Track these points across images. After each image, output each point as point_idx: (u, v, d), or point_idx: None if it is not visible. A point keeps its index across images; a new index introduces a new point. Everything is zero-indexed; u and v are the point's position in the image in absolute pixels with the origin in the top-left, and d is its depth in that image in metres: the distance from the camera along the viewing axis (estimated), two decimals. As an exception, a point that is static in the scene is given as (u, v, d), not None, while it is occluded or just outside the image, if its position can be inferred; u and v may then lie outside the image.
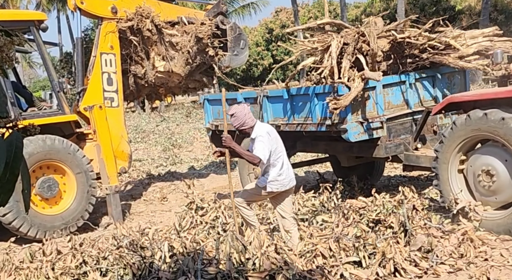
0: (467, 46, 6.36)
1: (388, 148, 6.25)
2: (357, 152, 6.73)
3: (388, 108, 6.37)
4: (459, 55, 6.32)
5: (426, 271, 4.50)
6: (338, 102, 5.73)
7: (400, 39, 6.23)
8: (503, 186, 5.10)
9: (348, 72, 5.92)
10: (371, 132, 6.14)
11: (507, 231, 5.05)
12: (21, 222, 6.93)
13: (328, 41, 6.26)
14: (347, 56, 6.03)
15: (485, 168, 5.21)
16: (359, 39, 6.08)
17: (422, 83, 6.59)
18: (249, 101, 7.44)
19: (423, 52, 6.40)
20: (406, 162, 6.32)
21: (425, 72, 6.55)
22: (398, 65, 6.45)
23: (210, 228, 6.02)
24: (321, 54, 6.32)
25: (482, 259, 4.64)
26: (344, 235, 4.93)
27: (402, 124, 6.40)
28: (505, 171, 5.06)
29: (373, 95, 6.21)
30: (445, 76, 6.69)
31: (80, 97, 8.10)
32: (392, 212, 5.22)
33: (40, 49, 7.78)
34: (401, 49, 6.39)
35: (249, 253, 4.50)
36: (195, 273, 4.23)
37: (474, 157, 5.37)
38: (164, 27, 8.52)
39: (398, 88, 6.42)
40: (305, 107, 6.60)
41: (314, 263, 4.54)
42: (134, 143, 16.75)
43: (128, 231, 5.83)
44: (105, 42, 8.09)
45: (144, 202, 9.14)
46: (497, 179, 5.11)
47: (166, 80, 8.90)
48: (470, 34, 6.64)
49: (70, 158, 7.43)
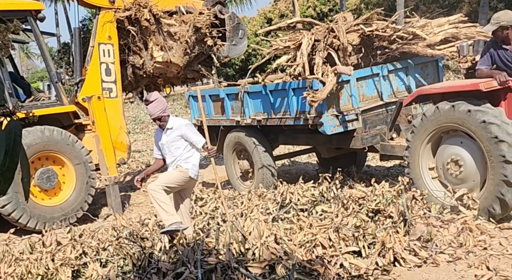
0: (435, 34, 6.49)
1: (364, 139, 6.43)
2: (336, 143, 6.92)
3: (363, 100, 6.52)
4: (427, 43, 6.42)
5: (426, 260, 4.51)
6: (315, 96, 5.87)
7: (368, 32, 6.37)
8: (470, 175, 5.32)
9: (322, 67, 6.07)
10: (346, 124, 6.33)
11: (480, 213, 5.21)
12: (21, 213, 6.93)
13: (299, 39, 6.38)
14: (319, 52, 6.18)
15: (453, 158, 5.41)
16: (329, 35, 6.22)
17: (396, 75, 6.71)
18: (231, 97, 7.60)
19: (392, 43, 6.53)
20: (382, 152, 6.48)
21: (398, 64, 6.67)
22: (369, 57, 6.58)
23: (209, 219, 6.03)
24: (293, 52, 6.46)
25: (481, 248, 4.65)
26: (344, 225, 4.93)
27: (377, 116, 6.56)
28: (472, 160, 5.28)
29: (347, 88, 6.38)
30: (418, 67, 6.81)
31: (79, 88, 8.06)
32: (391, 202, 5.23)
33: (38, 39, 7.73)
34: (370, 41, 6.53)
35: (248, 243, 4.51)
36: (195, 263, 4.24)
37: (443, 147, 5.55)
38: (162, 16, 8.47)
39: (372, 80, 6.56)
40: (283, 102, 6.78)
41: (314, 253, 4.55)
42: (133, 134, 16.73)
43: (128, 222, 5.84)
44: (103, 32, 8.04)
45: (144, 193, 9.13)
46: (464, 168, 5.34)
47: (164, 71, 8.86)
48: (436, 23, 6.76)
49: (69, 149, 7.42)
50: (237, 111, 7.58)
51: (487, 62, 5.45)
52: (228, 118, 7.78)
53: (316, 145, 7.72)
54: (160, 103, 5.19)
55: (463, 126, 5.20)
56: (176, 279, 4.19)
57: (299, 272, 4.09)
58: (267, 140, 7.65)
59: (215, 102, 8.07)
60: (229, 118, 7.75)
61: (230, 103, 7.70)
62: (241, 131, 7.72)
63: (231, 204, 6.38)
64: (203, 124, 5.61)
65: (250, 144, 7.56)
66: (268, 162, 7.46)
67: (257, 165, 7.50)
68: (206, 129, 5.51)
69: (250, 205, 6.12)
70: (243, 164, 7.98)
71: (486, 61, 5.46)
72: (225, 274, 4.13)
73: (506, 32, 5.32)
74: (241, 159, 8.03)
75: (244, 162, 7.94)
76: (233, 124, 7.74)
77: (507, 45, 5.38)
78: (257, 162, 7.49)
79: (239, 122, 7.57)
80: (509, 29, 5.30)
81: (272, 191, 6.53)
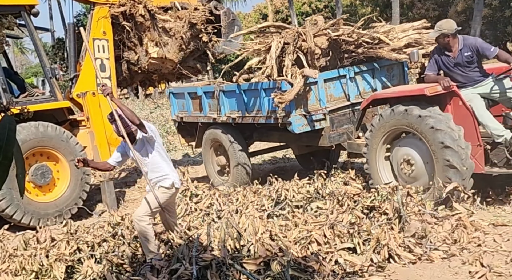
0: (399, 39, 6.82)
1: (331, 138, 6.72)
2: (305, 141, 7.24)
3: (330, 100, 6.77)
4: (391, 48, 6.72)
5: (420, 257, 4.53)
6: (282, 97, 6.12)
7: (335, 36, 6.65)
8: (420, 174, 5.70)
9: (291, 69, 6.32)
10: (314, 124, 6.60)
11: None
12: (15, 210, 6.90)
13: (269, 42, 6.63)
14: (288, 54, 6.43)
15: (405, 158, 5.79)
16: (299, 38, 6.45)
17: (362, 76, 6.97)
18: (208, 95, 7.84)
19: (358, 47, 6.81)
20: (349, 150, 6.79)
21: (364, 66, 6.94)
22: (336, 60, 6.86)
23: (204, 215, 6.02)
24: (264, 54, 6.68)
25: (475, 244, 4.67)
26: (339, 222, 4.94)
27: (344, 115, 6.83)
28: (421, 161, 5.67)
29: (315, 89, 6.62)
30: (384, 69, 7.07)
31: (73, 84, 8.03)
32: (386, 199, 5.24)
33: (32, 35, 7.69)
34: (338, 45, 6.81)
35: (244, 240, 4.51)
36: (190, 260, 4.24)
37: (397, 147, 5.95)
38: (157, 12, 8.43)
39: (339, 82, 6.83)
40: (256, 102, 7.03)
41: (309, 249, 4.56)
42: (127, 130, 16.65)
43: (123, 218, 5.82)
44: (97, 28, 8.00)
45: (138, 189, 9.12)
46: (415, 167, 5.71)
47: (159, 67, 8.83)
48: (401, 28, 7.14)
49: (63, 145, 7.39)
50: (214, 109, 7.81)
51: (433, 68, 5.83)
52: (205, 115, 8.01)
53: (287, 142, 8.04)
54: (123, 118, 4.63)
55: (414, 129, 5.60)
56: (171, 275, 4.18)
57: (294, 268, 4.09)
58: (243, 137, 7.90)
59: (194, 99, 8.28)
60: (207, 115, 7.98)
61: (207, 101, 7.93)
62: (218, 128, 7.95)
63: (226, 200, 6.37)
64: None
65: (226, 141, 7.81)
66: (243, 158, 7.71)
67: (233, 161, 7.74)
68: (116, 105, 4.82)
69: (245, 201, 6.12)
70: (220, 160, 8.20)
71: (432, 66, 5.84)
72: (220, 271, 4.13)
73: (447, 39, 5.65)
74: (219, 155, 8.25)
75: (221, 158, 8.17)
76: (210, 121, 7.95)
77: (449, 52, 5.73)
78: (233, 158, 7.74)
79: (215, 119, 7.79)
80: (450, 37, 5.63)
81: (267, 188, 6.53)
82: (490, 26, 23.86)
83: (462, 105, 5.51)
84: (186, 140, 9.08)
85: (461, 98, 5.54)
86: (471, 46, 5.63)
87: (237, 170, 7.69)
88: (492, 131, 5.42)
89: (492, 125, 5.42)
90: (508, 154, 5.34)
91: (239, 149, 7.69)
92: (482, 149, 5.44)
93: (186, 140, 9.10)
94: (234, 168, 7.72)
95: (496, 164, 5.50)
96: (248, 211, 5.67)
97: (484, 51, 5.59)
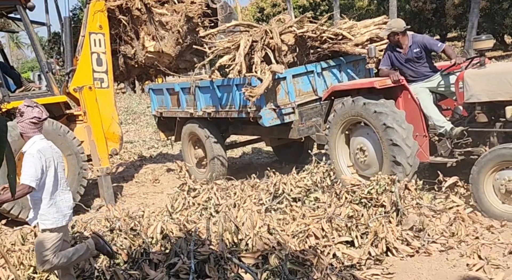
0: (361, 35, 7.18)
1: (301, 130, 7.03)
2: (277, 134, 7.53)
3: (299, 95, 7.05)
4: (354, 43, 7.07)
5: (418, 250, 4.54)
6: (252, 92, 6.40)
7: (300, 33, 6.96)
8: (372, 160, 6.11)
9: (260, 65, 6.65)
10: (283, 117, 6.86)
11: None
12: (12, 204, 6.88)
13: (238, 40, 6.91)
14: (257, 52, 6.76)
15: (359, 146, 6.21)
16: (266, 36, 6.77)
17: (329, 71, 7.26)
18: (185, 91, 8.15)
19: (323, 43, 7.14)
20: (318, 141, 7.13)
21: (331, 62, 7.23)
22: (303, 56, 7.16)
23: (202, 210, 6.02)
24: (233, 52, 6.94)
25: (473, 237, 4.69)
26: (337, 215, 4.94)
27: (312, 109, 7.11)
28: (372, 148, 6.07)
29: (284, 84, 6.90)
30: (350, 64, 7.37)
31: (69, 78, 7.98)
32: (384, 190, 5.24)
33: (28, 29, 7.64)
34: (304, 42, 7.11)
35: (241, 234, 4.51)
36: (188, 254, 4.24)
37: (353, 138, 6.35)
38: (153, 6, 8.38)
39: (307, 77, 7.10)
40: (229, 97, 7.34)
41: (307, 243, 4.56)
42: (125, 124, 16.64)
43: (120, 213, 5.81)
44: (93, 22, 7.94)
45: (136, 184, 9.11)
46: (368, 155, 6.13)
47: (156, 61, 8.79)
48: (363, 24, 7.47)
49: (60, 139, 7.34)
50: (191, 104, 8.11)
51: (387, 63, 6.22)
52: (183, 110, 8.30)
53: (260, 135, 8.36)
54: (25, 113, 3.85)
55: (361, 117, 6.03)
56: (169, 269, 4.18)
57: (292, 262, 4.10)
58: (219, 130, 8.24)
59: (172, 95, 8.58)
60: (184, 110, 8.26)
61: (184, 96, 8.23)
62: (195, 123, 8.24)
63: (224, 194, 6.37)
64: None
65: (202, 135, 8.14)
66: (219, 151, 8.03)
67: (209, 154, 8.08)
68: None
69: (243, 195, 6.11)
70: (198, 153, 8.56)
71: (386, 61, 6.23)
72: (218, 265, 4.13)
73: (397, 37, 6.05)
74: (196, 148, 8.60)
75: (199, 151, 8.52)
76: (187, 116, 8.23)
77: (400, 48, 6.12)
78: (209, 151, 8.08)
79: (192, 114, 8.06)
80: (400, 35, 6.04)
81: (265, 182, 6.53)
82: (487, 19, 23.80)
83: (410, 98, 5.93)
84: (165, 134, 9.45)
85: (409, 92, 5.93)
86: (419, 43, 6.01)
87: (213, 162, 8.02)
88: (435, 122, 5.77)
89: (435, 117, 5.76)
90: (449, 145, 5.70)
91: (215, 142, 8.02)
92: (427, 139, 5.83)
93: (165, 135, 9.47)
94: (211, 160, 8.06)
95: (442, 154, 5.84)
96: (246, 205, 5.67)
97: (432, 46, 5.99)
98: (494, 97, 5.27)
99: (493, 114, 5.48)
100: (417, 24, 26.21)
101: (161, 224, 4.93)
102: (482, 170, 5.07)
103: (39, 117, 3.87)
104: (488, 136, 5.48)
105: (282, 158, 9.07)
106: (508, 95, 5.14)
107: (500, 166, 5.00)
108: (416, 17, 26.16)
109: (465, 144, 5.60)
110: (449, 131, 5.62)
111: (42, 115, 3.90)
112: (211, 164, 8.06)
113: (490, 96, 5.30)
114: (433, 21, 26.29)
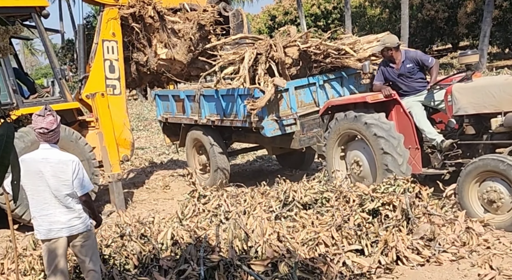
0: (364, 50, 7.31)
1: (302, 141, 7.19)
2: (279, 143, 7.67)
3: (301, 106, 7.22)
4: (357, 58, 7.20)
5: (429, 259, 4.51)
6: (254, 104, 6.59)
7: (304, 48, 7.09)
8: (367, 174, 6.29)
9: (263, 78, 6.82)
10: (285, 128, 7.04)
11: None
12: (24, 210, 6.94)
13: (242, 53, 7.09)
14: (261, 64, 6.92)
15: (355, 159, 6.40)
16: (271, 49, 6.93)
17: (331, 84, 7.43)
18: (190, 98, 8.35)
19: (326, 57, 7.28)
20: (318, 152, 7.21)
21: (333, 74, 7.40)
22: (306, 69, 7.32)
23: (212, 216, 6.02)
24: (238, 64, 7.14)
25: (484, 247, 4.65)
26: (346, 222, 4.92)
27: (313, 120, 7.23)
28: (367, 161, 6.26)
29: (287, 96, 7.07)
30: (352, 77, 7.53)
31: (82, 85, 8.06)
32: (394, 192, 5.25)
33: (42, 36, 7.74)
34: (307, 56, 7.25)
35: (251, 241, 4.51)
36: (198, 260, 4.24)
37: (349, 150, 6.56)
38: (166, 14, 8.46)
39: (309, 89, 7.28)
40: (233, 106, 7.50)
41: (316, 251, 4.55)
42: (136, 131, 16.74)
43: (131, 219, 5.84)
44: (107, 29, 8.03)
45: (147, 190, 9.15)
46: (363, 168, 6.32)
47: (168, 68, 8.86)
48: (366, 39, 7.63)
49: (72, 145, 7.42)
50: (195, 111, 8.31)
51: (380, 78, 6.38)
52: (188, 117, 8.52)
53: (262, 144, 8.50)
54: (56, 119, 3.78)
55: (354, 130, 6.25)
56: (178, 276, 4.19)
57: (302, 270, 4.09)
58: (222, 137, 8.45)
59: (177, 102, 8.78)
60: (189, 117, 8.49)
61: (189, 103, 8.42)
62: (199, 129, 8.46)
63: (234, 201, 6.38)
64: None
65: (206, 141, 8.32)
66: (222, 158, 8.21)
67: (212, 161, 8.27)
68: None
69: (253, 203, 6.11)
70: (201, 159, 8.76)
71: (379, 77, 6.39)
72: (228, 272, 4.14)
73: (390, 52, 6.21)
74: (200, 154, 8.81)
75: (202, 157, 8.74)
76: (192, 122, 8.45)
77: (393, 64, 6.27)
78: (212, 158, 8.26)
79: (197, 121, 8.28)
80: (393, 50, 6.20)
81: (275, 189, 6.54)
82: (500, 28, 23.69)
83: (402, 112, 6.08)
84: (170, 139, 9.68)
85: (401, 106, 6.09)
86: (412, 58, 6.19)
87: (216, 168, 8.19)
88: (427, 135, 5.94)
89: (427, 129, 5.92)
90: (440, 157, 5.87)
91: (218, 149, 8.20)
92: (419, 152, 5.98)
93: (170, 139, 9.69)
94: (214, 166, 8.23)
95: (434, 166, 6.01)
96: (255, 212, 5.67)
97: (424, 62, 6.16)
98: (480, 110, 5.47)
99: (480, 126, 5.64)
100: (429, 32, 26.17)
101: (171, 230, 4.94)
102: (466, 180, 5.25)
103: (47, 128, 3.69)
104: (477, 147, 5.65)
105: (285, 164, 9.38)
106: (493, 107, 5.34)
107: (482, 176, 5.17)
108: (428, 26, 26.10)
109: (455, 156, 5.79)
110: (440, 143, 5.78)
111: (52, 126, 3.70)
112: (214, 170, 8.22)
113: (476, 109, 5.50)
114: (445, 30, 26.21)
